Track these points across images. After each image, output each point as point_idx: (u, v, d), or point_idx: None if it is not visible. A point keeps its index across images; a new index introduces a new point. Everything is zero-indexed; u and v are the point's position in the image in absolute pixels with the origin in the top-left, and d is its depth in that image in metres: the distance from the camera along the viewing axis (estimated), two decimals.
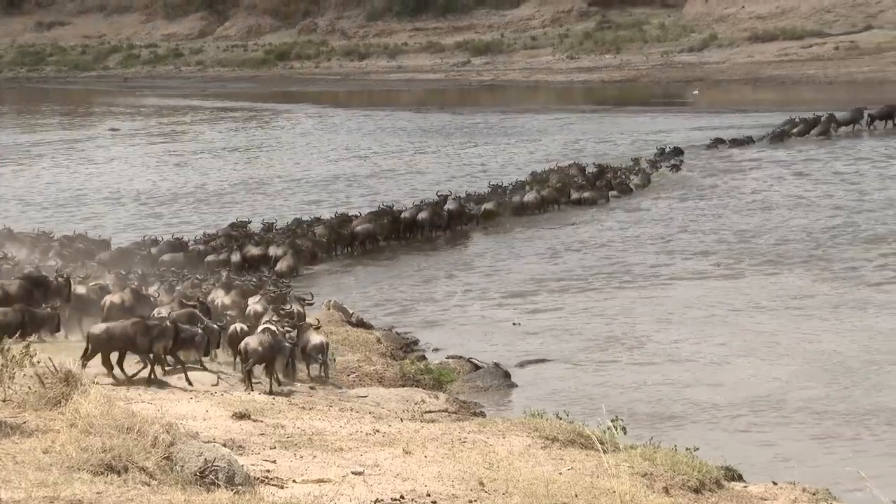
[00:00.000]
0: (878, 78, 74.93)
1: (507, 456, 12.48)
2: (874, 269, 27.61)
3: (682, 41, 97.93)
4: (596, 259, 30.70)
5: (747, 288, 26.69)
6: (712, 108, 66.84)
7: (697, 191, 40.05)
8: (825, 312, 24.13)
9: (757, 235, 32.13)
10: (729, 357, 21.59)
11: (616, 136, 55.77)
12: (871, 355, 21.05)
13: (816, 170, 42.42)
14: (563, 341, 23.19)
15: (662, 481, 12.06)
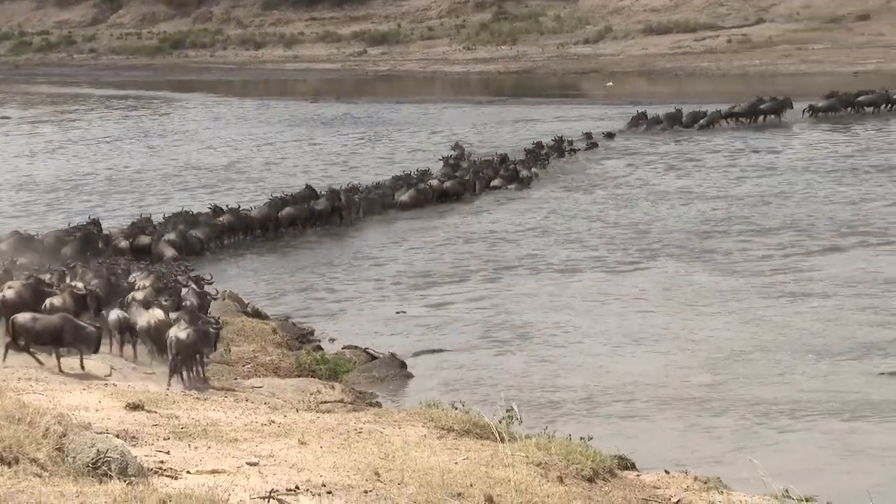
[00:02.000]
0: (769, 71, 75.87)
1: (403, 446, 12.48)
2: (757, 259, 27.95)
3: (578, 33, 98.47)
4: (489, 249, 30.78)
5: (636, 278, 26.95)
6: (607, 100, 67.32)
7: (589, 182, 40.34)
8: (711, 302, 24.42)
9: (644, 226, 32.43)
10: (620, 347, 21.78)
11: (512, 127, 55.97)
12: (758, 344, 21.34)
13: (700, 162, 42.86)
14: (458, 331, 23.25)
15: (557, 470, 12.13)
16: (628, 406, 18.61)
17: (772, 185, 37.40)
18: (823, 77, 69.27)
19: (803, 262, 27.48)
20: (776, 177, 38.75)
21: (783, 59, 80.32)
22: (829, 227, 30.73)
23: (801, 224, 31.36)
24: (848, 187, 36.16)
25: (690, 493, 12.44)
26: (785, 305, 23.90)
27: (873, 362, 20.11)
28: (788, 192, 36.04)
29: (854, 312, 23.06)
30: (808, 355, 20.60)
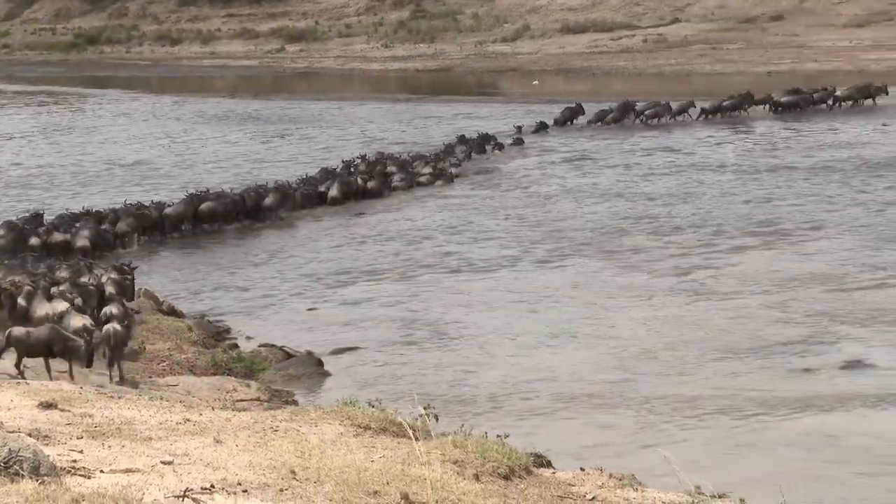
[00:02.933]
0: (685, 70, 76.48)
1: (320, 444, 12.45)
2: (667, 257, 28.16)
3: (496, 31, 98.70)
4: (406, 246, 30.81)
5: (550, 275, 27.10)
6: (525, 98, 67.53)
7: (506, 179, 40.49)
8: (622, 300, 24.61)
9: (558, 224, 32.61)
10: (535, 345, 21.90)
11: (429, 125, 56.04)
12: (668, 342, 21.55)
13: (607, 161, 43.16)
14: (375, 329, 23.25)
15: (473, 468, 12.15)
16: (543, 403, 18.72)
17: (683, 183, 37.74)
18: (738, 77, 69.91)
19: (712, 260, 27.74)
20: (687, 175, 39.09)
21: (698, 58, 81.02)
22: (736, 226, 31.03)
23: (710, 223, 31.64)
24: (756, 186, 36.52)
25: (605, 490, 12.50)
26: (693, 303, 24.14)
27: (780, 359, 20.38)
28: (699, 190, 36.40)
29: (761, 310, 23.34)
30: (715, 352, 20.82)
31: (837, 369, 19.77)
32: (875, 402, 18.20)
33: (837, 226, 30.43)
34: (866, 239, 28.78)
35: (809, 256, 27.50)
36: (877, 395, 18.41)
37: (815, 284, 24.87)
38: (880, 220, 30.69)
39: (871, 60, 72.39)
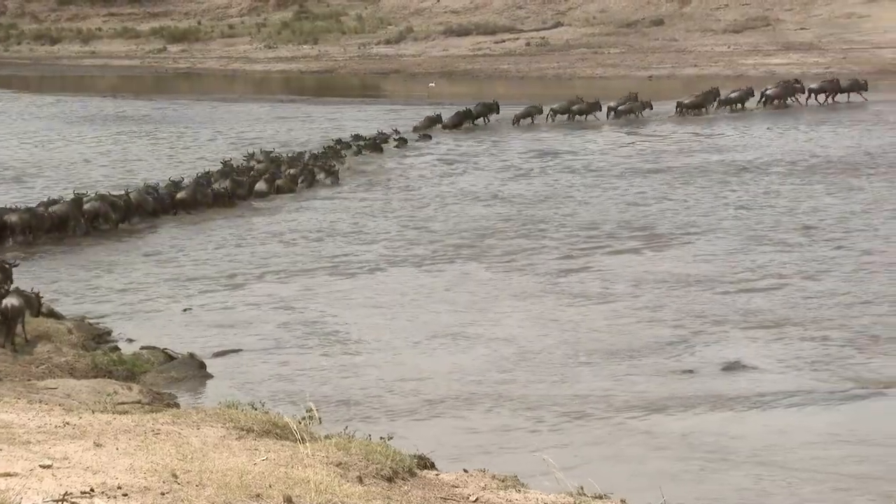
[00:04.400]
0: (567, 74, 77.08)
1: (202, 447, 12.36)
2: (548, 260, 28.33)
3: (380, 33, 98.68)
4: (288, 248, 30.70)
5: (431, 277, 27.16)
6: (409, 100, 67.60)
7: (386, 181, 40.54)
8: (503, 302, 24.74)
9: (440, 225, 32.70)
10: (417, 347, 21.95)
11: (312, 126, 55.92)
12: (547, 344, 21.70)
13: (489, 163, 43.40)
14: (258, 332, 23.14)
15: (357, 470, 12.14)
16: (426, 405, 18.77)
17: (561, 186, 38.04)
18: (619, 81, 70.63)
19: (589, 262, 27.98)
20: (566, 178, 39.39)
21: (580, 62, 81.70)
22: (613, 228, 31.31)
23: (588, 225, 31.90)
24: (633, 189, 36.90)
25: (488, 491, 12.57)
26: (571, 305, 24.33)
27: (660, 361, 20.61)
28: (576, 193, 36.67)
29: (638, 312, 23.58)
30: (594, 354, 21.01)
31: (717, 371, 20.03)
32: (754, 402, 18.49)
33: (712, 228, 30.80)
34: (740, 241, 29.18)
35: (685, 258, 27.83)
36: (756, 396, 18.71)
37: (692, 286, 25.18)
38: (753, 223, 31.12)
39: (749, 65, 73.54)
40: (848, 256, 27.14)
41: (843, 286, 24.63)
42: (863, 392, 18.76)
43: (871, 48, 77.39)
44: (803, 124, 48.88)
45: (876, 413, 17.90)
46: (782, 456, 16.37)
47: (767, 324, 22.37)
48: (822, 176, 37.27)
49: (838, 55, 75.10)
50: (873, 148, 41.81)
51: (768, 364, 20.23)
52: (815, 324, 22.20)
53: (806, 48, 79.82)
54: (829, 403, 18.36)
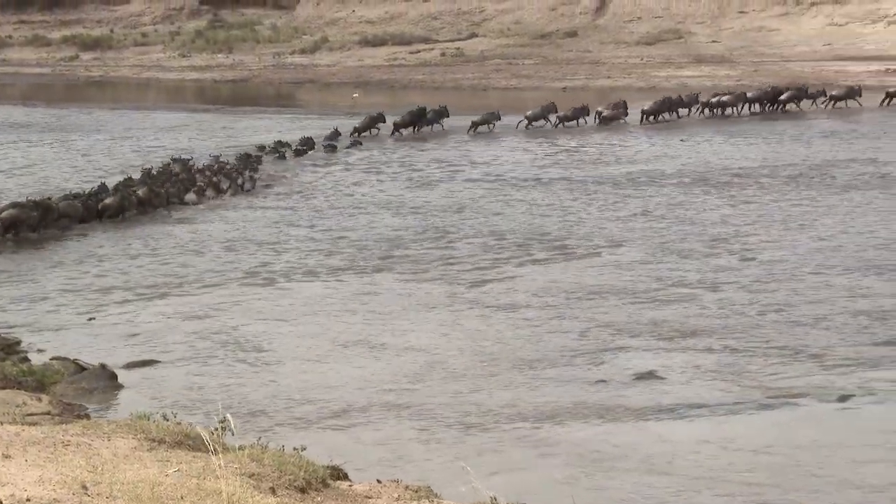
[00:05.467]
0: (482, 85, 77.39)
1: (112, 458, 12.26)
2: (458, 270, 28.35)
3: (294, 43, 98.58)
4: (201, 258, 30.51)
5: (350, 287, 27.11)
6: (323, 110, 67.55)
7: (300, 190, 40.45)
8: (424, 312, 24.77)
9: (355, 235, 32.67)
10: (335, 356, 21.91)
11: (227, 134, 55.70)
12: (458, 354, 21.74)
13: (403, 172, 43.47)
14: (172, 342, 22.98)
15: (269, 481, 12.09)
16: (340, 415, 18.75)
17: (477, 195, 38.14)
18: (533, 92, 71.04)
19: (502, 272, 28.02)
20: (480, 187, 39.52)
21: (495, 73, 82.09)
22: (526, 239, 31.38)
23: (502, 235, 31.94)
24: (548, 199, 37.07)
25: (402, 502, 12.57)
26: (484, 315, 24.38)
27: (573, 371, 20.71)
28: (491, 203, 36.75)
29: (550, 322, 23.68)
30: (506, 364, 21.08)
31: (629, 380, 20.15)
32: (666, 412, 18.62)
33: (621, 239, 30.97)
34: (648, 252, 29.38)
35: (594, 269, 27.96)
36: (668, 406, 18.85)
37: (602, 297, 25.31)
38: (661, 234, 31.34)
39: (662, 77, 74.25)
40: (753, 267, 27.41)
41: (749, 296, 24.87)
42: (770, 402, 18.94)
43: (781, 61, 78.51)
44: (714, 137, 49.34)
45: (780, 422, 18.11)
46: (687, 463, 16.56)
47: (677, 334, 22.53)
48: (727, 188, 37.61)
49: (749, 68, 76.06)
50: (775, 161, 42.27)
51: (678, 374, 20.37)
52: (724, 334, 22.40)
53: (717, 61, 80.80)
54: (737, 413, 18.53)
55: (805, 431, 17.65)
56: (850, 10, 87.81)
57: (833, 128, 50.00)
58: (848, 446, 17.02)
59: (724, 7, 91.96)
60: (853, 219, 32.11)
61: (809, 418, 18.25)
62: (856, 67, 71.68)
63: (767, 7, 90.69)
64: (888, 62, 73.71)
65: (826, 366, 20.43)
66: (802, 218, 32.52)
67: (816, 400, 18.90)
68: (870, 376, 19.85)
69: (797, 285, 25.61)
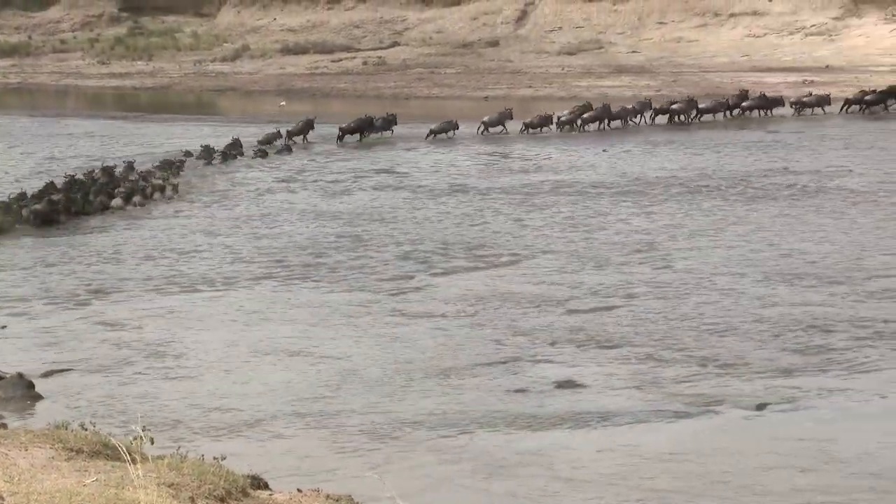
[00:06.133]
0: (404, 93, 77.39)
1: (30, 468, 12.16)
2: (377, 278, 28.36)
3: (215, 51, 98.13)
4: (119, 266, 30.30)
5: (269, 295, 27.05)
6: (245, 117, 67.32)
7: (226, 197, 40.26)
8: (343, 320, 24.78)
9: (271, 242, 32.59)
10: (254, 365, 21.90)
11: (147, 141, 55.37)
12: (389, 363, 21.77)
13: (324, 180, 43.43)
14: (90, 351, 22.84)
15: (189, 491, 12.05)
16: (260, 424, 18.73)
17: (399, 203, 38.17)
18: (455, 101, 71.19)
19: (421, 281, 28.08)
20: (401, 196, 39.53)
21: (417, 82, 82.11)
22: (446, 247, 31.42)
23: (422, 243, 31.96)
24: (468, 208, 37.10)
25: None
26: (403, 324, 24.43)
27: (493, 380, 20.81)
28: (411, 211, 36.74)
29: (471, 331, 23.77)
30: (426, 372, 21.15)
31: (549, 389, 20.25)
32: (583, 420, 18.75)
33: (543, 247, 31.07)
34: (569, 260, 29.51)
35: (516, 277, 28.07)
36: (585, 414, 18.98)
37: (523, 305, 25.42)
38: (581, 243, 31.47)
39: (583, 87, 74.61)
40: (668, 276, 27.63)
41: (664, 305, 25.07)
42: (687, 410, 19.12)
43: (700, 72, 79.15)
44: (636, 147, 49.66)
45: (695, 430, 18.31)
46: (595, 470, 16.74)
47: (596, 342, 22.70)
48: (644, 197, 37.83)
49: (668, 78, 76.61)
50: (693, 170, 42.63)
51: (597, 382, 20.53)
52: (641, 342, 22.61)
53: (637, 71, 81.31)
54: (654, 421, 18.72)
55: (719, 439, 17.90)
56: (768, 21, 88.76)
57: (754, 138, 50.51)
58: (758, 453, 17.28)
59: (644, 18, 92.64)
60: (764, 228, 32.47)
61: (725, 426, 18.49)
62: (773, 79, 72.38)
63: (686, 18, 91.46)
64: (805, 73, 74.55)
65: (741, 374, 20.69)
66: (716, 227, 32.82)
67: (733, 407, 19.15)
68: (784, 384, 20.14)
69: (711, 294, 25.85)
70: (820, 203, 35.61)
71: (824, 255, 28.95)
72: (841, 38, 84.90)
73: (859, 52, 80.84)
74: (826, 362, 21.17)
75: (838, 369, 20.82)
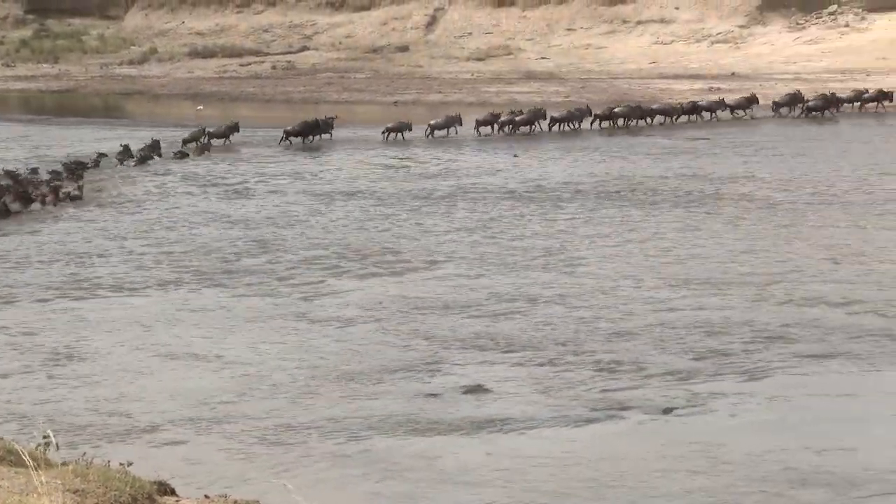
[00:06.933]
0: (314, 98, 77.22)
1: None
2: (286, 284, 28.33)
3: (123, 54, 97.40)
4: (22, 270, 30.04)
5: (174, 300, 26.98)
6: (153, 121, 66.84)
7: (130, 202, 40.01)
8: (249, 325, 24.80)
9: (177, 247, 32.46)
10: (157, 370, 21.85)
11: (51, 146, 54.80)
12: (295, 368, 21.82)
13: (232, 185, 43.26)
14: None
15: (94, 497, 12.02)
16: (164, 429, 18.74)
17: (306, 208, 38.07)
18: (365, 105, 71.16)
19: (329, 285, 28.10)
20: (311, 200, 39.42)
21: (326, 86, 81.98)
22: (357, 252, 31.44)
23: (330, 248, 31.95)
24: (377, 213, 37.13)
25: None
26: (311, 329, 24.52)
27: (403, 385, 20.91)
28: (319, 217, 36.67)
29: (380, 336, 23.89)
30: (335, 377, 21.22)
31: (458, 394, 20.38)
32: (486, 425, 18.89)
33: (451, 253, 31.17)
34: (478, 266, 29.63)
35: (425, 283, 28.15)
36: (490, 419, 19.12)
37: (431, 310, 25.55)
38: (488, 248, 31.60)
39: (492, 93, 74.88)
40: (574, 281, 27.84)
41: (571, 310, 25.30)
42: (594, 414, 19.33)
43: (609, 78, 79.73)
44: (547, 153, 49.90)
45: (599, 434, 18.54)
46: (487, 474, 16.93)
47: (504, 347, 22.86)
48: (551, 203, 38.03)
49: (577, 84, 77.07)
50: (603, 177, 42.91)
51: (507, 387, 20.67)
52: (548, 347, 22.79)
53: (546, 77, 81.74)
54: (565, 426, 18.88)
55: (614, 443, 18.15)
56: (675, 29, 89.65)
57: (667, 144, 50.95)
58: (647, 458, 17.52)
59: (553, 24, 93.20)
60: (662, 234, 32.77)
61: (630, 430, 18.73)
62: (680, 86, 73.06)
63: (595, 25, 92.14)
64: (711, 80, 75.32)
65: (648, 378, 20.95)
66: (617, 233, 33.11)
67: (641, 412, 19.37)
68: (689, 388, 20.41)
69: (611, 299, 26.12)
70: (719, 209, 36.01)
71: (721, 262, 29.32)
72: (746, 46, 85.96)
73: (764, 59, 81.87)
74: (723, 367, 21.51)
75: (735, 374, 21.15)
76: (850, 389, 20.31)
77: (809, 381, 20.68)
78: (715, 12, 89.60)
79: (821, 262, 28.85)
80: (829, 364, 21.45)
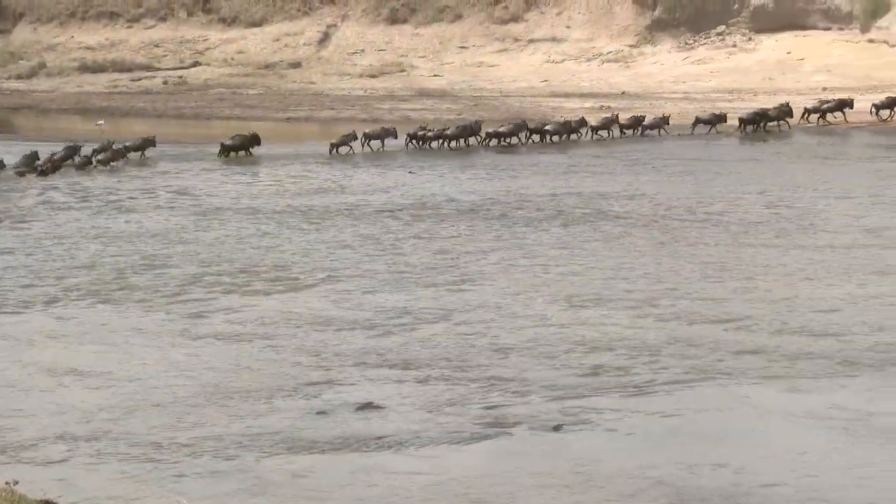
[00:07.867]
0: (205, 113, 76.99)
1: None
2: (183, 299, 28.25)
3: (11, 68, 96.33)
4: None
5: (60, 317, 26.83)
6: (41, 136, 66.18)
7: (20, 217, 39.64)
8: (137, 341, 24.71)
9: (65, 264, 32.19)
10: (41, 386, 21.74)
11: None
12: (183, 385, 21.80)
13: (124, 201, 43.07)
14: None
15: None
16: (48, 447, 18.63)
17: (199, 224, 37.97)
18: (257, 122, 70.96)
19: (222, 302, 28.04)
20: (198, 217, 39.31)
21: (218, 102, 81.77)
22: (247, 269, 31.37)
23: (224, 265, 31.89)
24: (268, 229, 37.13)
25: None
26: (201, 346, 24.44)
27: (294, 402, 20.96)
28: (210, 233, 36.61)
29: (271, 352, 23.93)
30: (227, 394, 21.22)
31: (350, 412, 20.44)
32: (390, 443, 18.99)
33: (344, 270, 31.19)
34: (369, 282, 29.77)
35: (316, 299, 28.13)
36: (390, 437, 19.22)
37: (323, 327, 25.57)
38: (380, 266, 31.72)
39: (385, 110, 75.15)
40: (465, 298, 28.02)
41: (462, 327, 25.38)
42: (484, 431, 19.50)
43: (501, 96, 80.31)
44: (443, 170, 50.12)
45: (485, 452, 18.71)
46: (359, 495, 17.04)
47: (395, 364, 22.93)
48: (440, 219, 38.32)
49: (470, 102, 77.56)
50: (492, 194, 43.22)
51: (394, 404, 20.76)
52: (440, 364, 22.86)
53: (439, 95, 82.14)
54: (449, 443, 18.99)
55: (498, 461, 18.22)
56: (566, 48, 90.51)
57: (562, 161, 51.45)
58: (533, 473, 17.65)
59: (446, 42, 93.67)
60: (554, 251, 33.10)
61: (511, 447, 18.82)
62: (572, 104, 73.78)
63: (487, 43, 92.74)
64: (602, 99, 76.19)
65: (539, 395, 21.04)
66: (505, 250, 33.35)
67: (529, 429, 19.49)
68: (579, 405, 20.58)
69: (501, 316, 26.31)
70: (601, 227, 36.43)
71: (605, 279, 29.67)
72: (636, 66, 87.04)
73: (654, 79, 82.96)
74: (605, 383, 21.79)
75: (617, 389, 21.45)
76: (725, 405, 20.72)
77: (688, 397, 21.03)
78: (605, 32, 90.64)
79: (700, 280, 29.36)
80: (706, 380, 21.83)
